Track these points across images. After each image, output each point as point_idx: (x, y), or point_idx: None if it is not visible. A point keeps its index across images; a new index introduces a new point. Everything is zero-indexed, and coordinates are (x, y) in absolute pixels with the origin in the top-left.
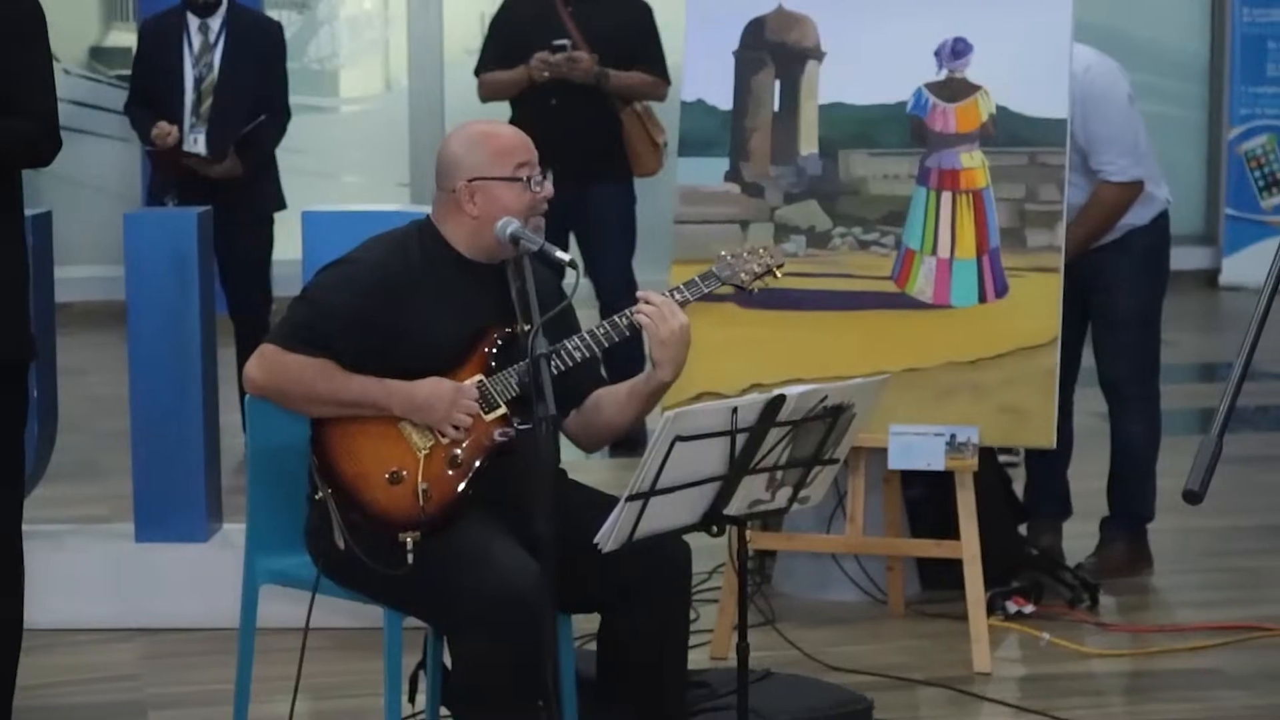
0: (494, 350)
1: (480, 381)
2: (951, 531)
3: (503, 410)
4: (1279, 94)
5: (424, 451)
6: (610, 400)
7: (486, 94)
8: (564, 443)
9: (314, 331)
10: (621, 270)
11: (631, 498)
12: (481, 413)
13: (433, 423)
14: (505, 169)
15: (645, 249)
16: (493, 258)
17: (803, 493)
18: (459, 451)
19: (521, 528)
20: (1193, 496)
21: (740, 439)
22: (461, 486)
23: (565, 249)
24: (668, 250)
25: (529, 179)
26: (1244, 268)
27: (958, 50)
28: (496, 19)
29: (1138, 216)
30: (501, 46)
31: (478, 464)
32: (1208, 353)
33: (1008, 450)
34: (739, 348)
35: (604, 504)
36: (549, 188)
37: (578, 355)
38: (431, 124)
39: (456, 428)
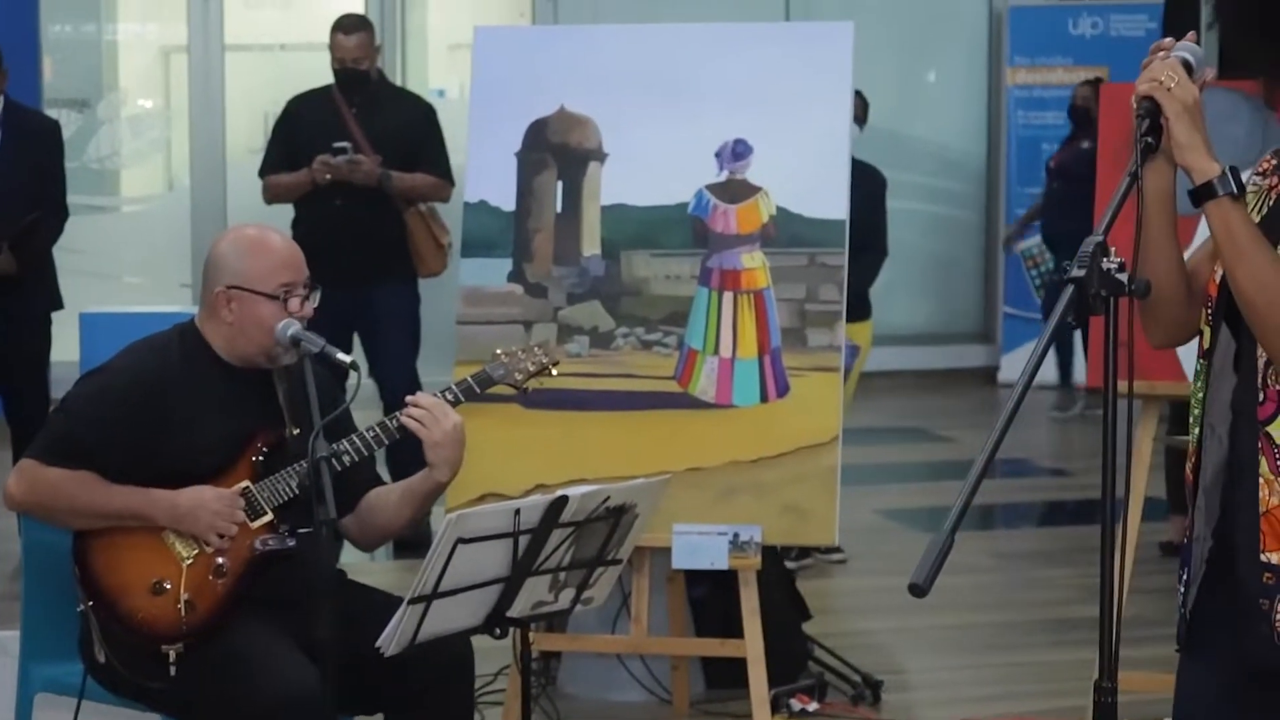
0: (260, 457)
1: (246, 488)
2: (736, 630)
3: (269, 517)
4: None
5: (188, 561)
6: (383, 502)
7: (270, 197)
8: (345, 543)
9: (73, 444)
10: (405, 370)
11: (414, 600)
12: (247, 520)
13: (196, 532)
14: (267, 285)
15: (429, 349)
16: (248, 364)
17: (586, 593)
18: (222, 560)
19: (303, 631)
20: (917, 590)
21: (523, 540)
22: (225, 596)
23: (349, 349)
24: (452, 350)
25: (288, 298)
26: (1022, 365)
27: (738, 152)
28: (279, 121)
29: None
30: (285, 148)
31: (243, 572)
32: None
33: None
34: (523, 448)
35: (386, 606)
36: (309, 308)
37: (346, 460)
38: (214, 224)
39: (221, 536)
